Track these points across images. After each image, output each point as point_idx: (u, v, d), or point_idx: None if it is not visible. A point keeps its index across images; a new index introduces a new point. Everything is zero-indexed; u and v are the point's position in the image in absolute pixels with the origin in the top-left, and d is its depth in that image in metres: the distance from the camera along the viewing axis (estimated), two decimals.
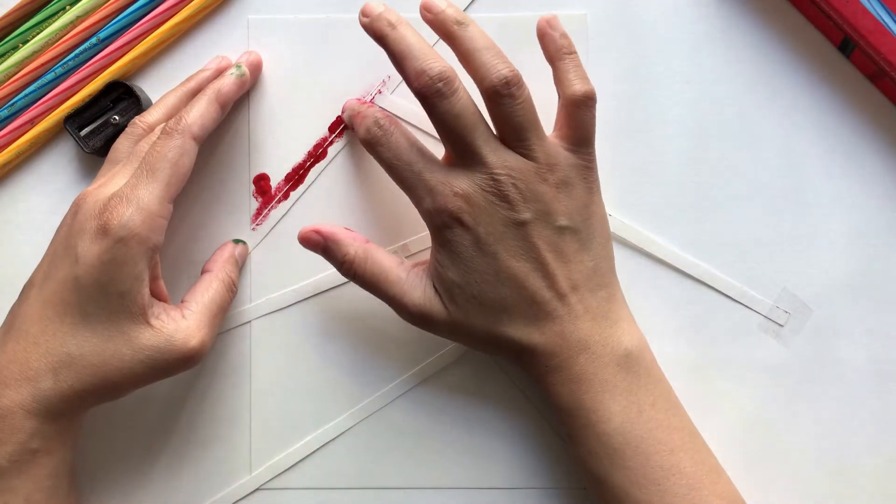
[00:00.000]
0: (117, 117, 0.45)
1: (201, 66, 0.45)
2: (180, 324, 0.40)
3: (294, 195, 0.46)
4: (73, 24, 0.46)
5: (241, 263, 0.46)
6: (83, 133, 0.45)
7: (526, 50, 0.43)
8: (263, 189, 0.46)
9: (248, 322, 0.46)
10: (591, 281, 0.40)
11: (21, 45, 0.46)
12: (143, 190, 0.39)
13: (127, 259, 0.38)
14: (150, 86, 0.46)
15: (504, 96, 0.39)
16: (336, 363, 0.46)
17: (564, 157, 0.40)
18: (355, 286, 0.46)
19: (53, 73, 0.46)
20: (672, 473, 0.39)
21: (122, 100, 0.45)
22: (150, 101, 0.46)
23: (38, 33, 0.46)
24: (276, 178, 0.46)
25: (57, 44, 0.46)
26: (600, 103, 0.42)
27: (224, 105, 0.42)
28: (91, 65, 0.46)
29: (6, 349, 0.39)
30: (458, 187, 0.39)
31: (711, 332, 0.46)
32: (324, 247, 0.42)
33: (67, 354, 0.38)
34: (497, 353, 0.42)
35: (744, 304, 0.46)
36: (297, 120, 0.46)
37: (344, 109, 0.45)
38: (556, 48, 0.41)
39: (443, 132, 0.40)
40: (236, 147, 0.46)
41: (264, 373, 0.46)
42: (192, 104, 0.41)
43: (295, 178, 0.46)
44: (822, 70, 0.46)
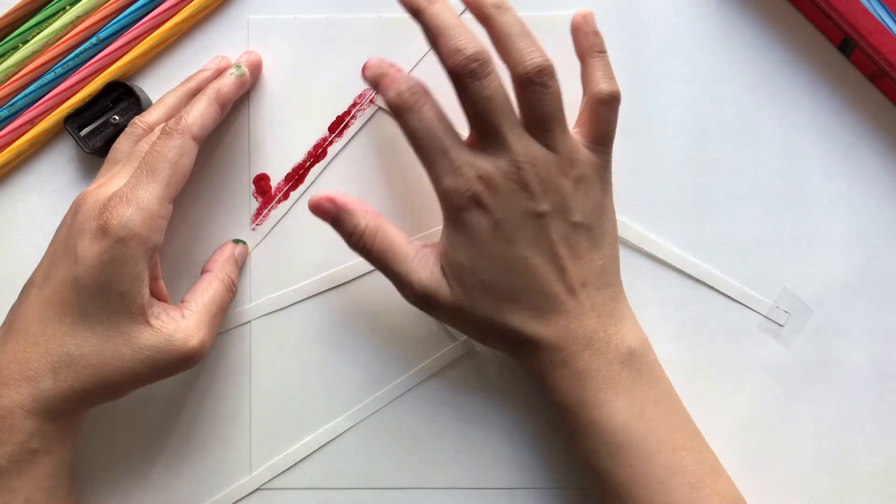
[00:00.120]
0: (117, 117, 0.45)
1: (201, 66, 0.45)
2: (180, 324, 0.40)
3: (294, 195, 0.46)
4: (73, 24, 0.46)
5: (241, 263, 0.46)
6: (83, 133, 0.45)
7: None
8: (263, 189, 0.46)
9: (248, 322, 0.46)
10: (598, 279, 0.40)
11: (21, 45, 0.46)
12: (143, 190, 0.39)
13: (127, 259, 0.38)
14: (150, 86, 0.46)
15: (536, 84, 0.38)
16: (336, 363, 0.46)
17: (584, 154, 0.40)
18: (355, 286, 0.46)
19: (53, 73, 0.46)
20: (674, 472, 0.39)
21: (122, 100, 0.45)
22: (150, 101, 0.46)
23: (38, 33, 0.46)
24: (276, 178, 0.46)
25: (57, 44, 0.46)
26: None
27: (224, 105, 0.42)
28: (91, 65, 0.46)
29: (6, 349, 0.39)
30: (481, 170, 0.39)
31: (711, 332, 0.46)
32: (334, 216, 0.42)
33: (67, 354, 0.38)
34: (498, 343, 0.41)
35: (744, 304, 0.46)
36: (297, 120, 0.46)
37: (367, 67, 0.41)
38: (589, 45, 0.41)
39: (471, 114, 0.39)
40: (236, 147, 0.46)
41: (264, 373, 0.46)
42: (191, 104, 0.41)
43: (295, 178, 0.46)
44: (822, 70, 0.46)
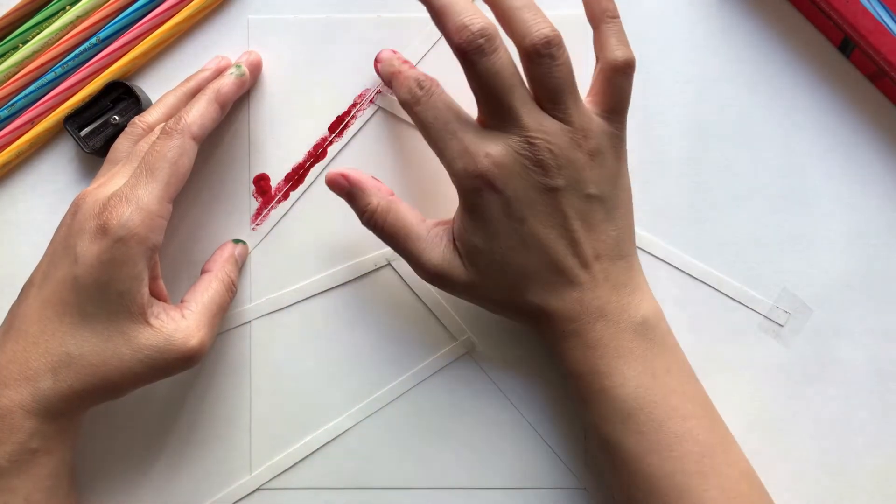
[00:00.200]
0: (117, 117, 0.45)
1: (201, 66, 0.45)
2: (180, 323, 0.40)
3: (294, 195, 0.46)
4: (73, 24, 0.46)
5: (240, 263, 0.46)
6: (83, 133, 0.45)
7: None
8: (263, 189, 0.46)
9: (248, 322, 0.46)
10: (613, 251, 0.40)
11: (21, 45, 0.46)
12: (143, 190, 0.39)
13: (126, 259, 0.38)
14: (150, 86, 0.46)
15: (544, 56, 0.38)
16: (336, 363, 0.46)
17: (598, 125, 0.39)
18: (355, 286, 0.46)
19: (53, 73, 0.46)
20: (685, 440, 0.38)
21: (122, 100, 0.45)
22: (150, 101, 0.46)
23: (38, 33, 0.46)
24: (276, 178, 0.46)
25: (57, 44, 0.46)
26: None
27: (224, 105, 0.42)
28: (91, 65, 0.46)
29: (5, 349, 0.39)
30: (490, 149, 0.39)
31: (711, 332, 0.46)
32: (348, 192, 0.42)
33: (67, 354, 0.38)
34: (512, 315, 0.42)
35: (744, 304, 0.46)
36: (297, 120, 0.46)
37: (380, 60, 0.43)
38: (601, 10, 0.40)
39: (480, 91, 0.39)
40: (236, 147, 0.46)
41: (264, 373, 0.46)
42: (191, 104, 0.41)
43: (295, 178, 0.46)
44: (822, 70, 0.46)
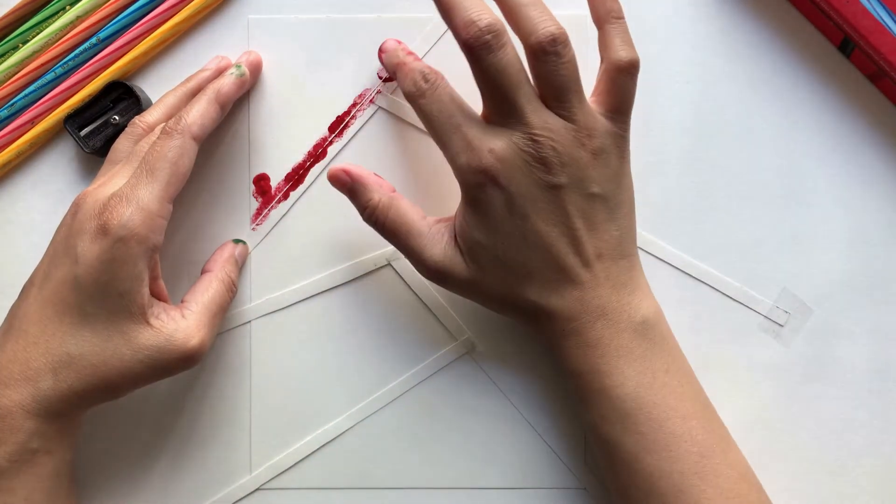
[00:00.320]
0: (117, 117, 0.45)
1: (201, 66, 0.45)
2: (180, 323, 0.40)
3: (294, 195, 0.46)
4: (73, 24, 0.46)
5: (241, 263, 0.46)
6: (83, 133, 0.45)
7: None
8: (263, 189, 0.46)
9: (248, 322, 0.46)
10: (615, 251, 0.40)
11: (21, 45, 0.46)
12: (143, 190, 0.39)
13: (126, 259, 0.38)
14: (150, 86, 0.46)
15: (550, 54, 0.38)
16: (336, 363, 0.46)
17: (602, 124, 0.40)
18: (355, 286, 0.46)
19: (53, 73, 0.46)
20: (684, 440, 0.39)
21: (122, 100, 0.45)
22: (150, 101, 0.46)
23: (38, 33, 0.46)
24: (276, 178, 0.46)
25: (57, 44, 0.46)
26: None
27: (224, 105, 0.42)
28: (91, 65, 0.46)
29: (6, 349, 0.39)
30: (494, 145, 0.39)
31: (711, 332, 0.46)
32: (350, 188, 0.42)
33: (67, 354, 0.38)
34: (512, 314, 0.42)
35: (744, 304, 0.46)
36: (297, 120, 0.46)
37: (384, 50, 0.43)
38: (606, 10, 0.40)
39: (485, 87, 0.39)
40: (236, 147, 0.46)
41: (264, 373, 0.46)
42: (191, 104, 0.41)
43: (295, 178, 0.46)
44: (822, 70, 0.46)
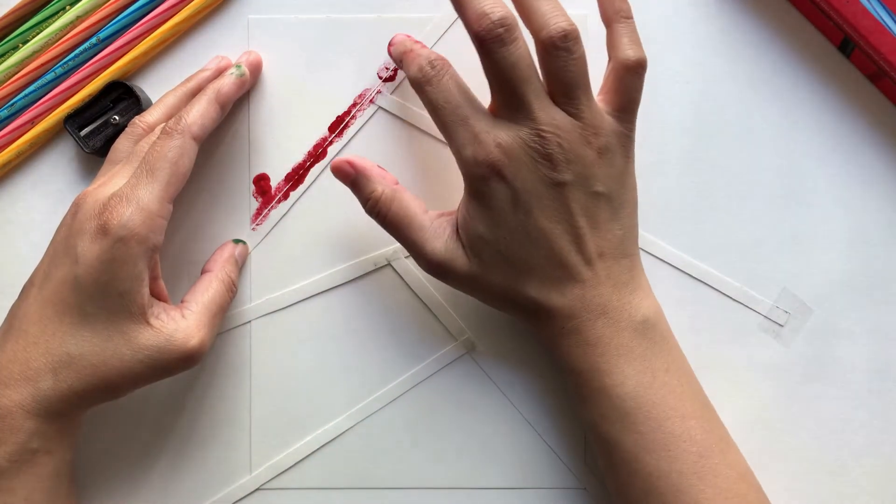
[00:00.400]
0: (117, 117, 0.45)
1: (201, 66, 0.45)
2: (180, 323, 0.40)
3: (294, 195, 0.46)
4: (73, 24, 0.46)
5: (241, 263, 0.46)
6: (83, 133, 0.45)
7: None
8: (263, 189, 0.46)
9: (248, 322, 0.46)
10: (617, 250, 0.40)
11: (21, 45, 0.46)
12: (143, 190, 0.39)
13: (127, 259, 0.38)
14: (150, 86, 0.46)
15: (560, 49, 0.38)
16: (336, 363, 0.46)
17: (609, 123, 0.40)
18: (355, 286, 0.46)
19: (53, 73, 0.46)
20: (683, 440, 0.39)
21: (122, 100, 0.45)
22: (150, 101, 0.46)
23: (38, 33, 0.46)
24: (276, 178, 0.46)
25: (57, 44, 0.46)
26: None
27: (224, 105, 0.42)
28: (91, 65, 0.46)
29: (6, 349, 0.39)
30: (501, 138, 0.39)
31: (711, 332, 0.46)
32: (353, 179, 0.42)
33: (67, 354, 0.38)
34: (511, 310, 0.42)
35: (744, 304, 0.46)
36: (297, 120, 0.46)
37: (393, 44, 0.43)
38: (615, 10, 0.40)
39: (495, 81, 0.39)
40: (236, 147, 0.46)
41: (264, 373, 0.46)
42: (192, 104, 0.41)
43: (295, 178, 0.46)
44: (822, 70, 0.46)
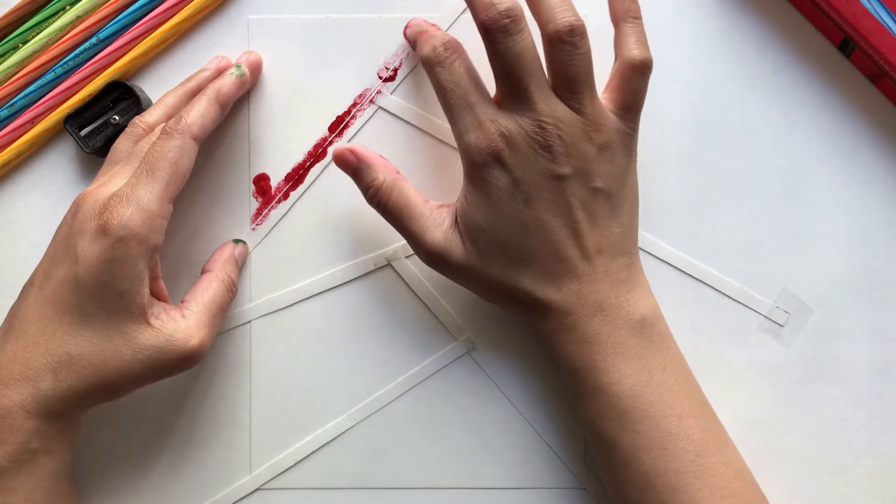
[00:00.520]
0: (117, 117, 0.45)
1: (201, 66, 0.45)
2: (180, 323, 0.40)
3: (294, 195, 0.46)
4: (73, 24, 0.46)
5: (241, 263, 0.46)
6: (83, 133, 0.45)
7: None
8: (263, 189, 0.46)
9: (248, 322, 0.46)
10: (615, 247, 0.40)
11: (21, 45, 0.46)
12: (143, 190, 0.39)
13: (127, 259, 0.38)
14: (150, 86, 0.46)
15: (566, 43, 0.38)
16: (336, 363, 0.46)
17: (611, 120, 0.40)
18: (355, 286, 0.46)
19: (53, 73, 0.46)
20: (680, 439, 0.39)
21: (122, 100, 0.45)
22: (150, 101, 0.46)
23: (38, 33, 0.46)
24: (276, 178, 0.46)
25: (57, 44, 0.46)
26: None
27: (224, 105, 0.42)
28: (91, 65, 0.46)
29: (6, 349, 0.39)
30: (504, 127, 0.39)
31: (711, 332, 0.46)
32: (355, 168, 0.42)
33: (67, 354, 0.38)
34: (508, 304, 0.42)
35: (744, 304, 0.46)
36: (297, 120, 0.46)
37: (409, 26, 0.44)
38: (624, 10, 0.41)
39: (499, 71, 0.39)
40: (236, 147, 0.46)
41: (264, 373, 0.46)
42: (192, 104, 0.41)
43: (295, 178, 0.46)
44: (822, 70, 0.46)
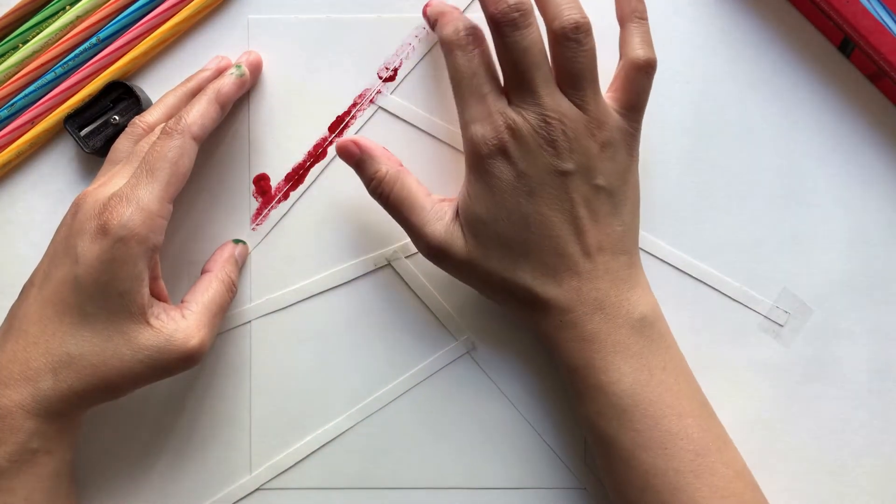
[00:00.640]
0: (117, 117, 0.45)
1: (201, 66, 0.45)
2: (180, 324, 0.40)
3: (294, 195, 0.46)
4: (73, 24, 0.46)
5: (241, 263, 0.46)
6: (83, 133, 0.45)
7: None
8: (263, 189, 0.46)
9: (248, 322, 0.46)
10: (616, 245, 0.40)
11: (21, 45, 0.46)
12: (143, 190, 0.39)
13: (127, 259, 0.38)
14: (150, 86, 0.46)
15: (571, 40, 0.39)
16: (336, 363, 0.46)
17: (614, 119, 0.40)
18: (355, 286, 0.46)
19: (53, 73, 0.46)
20: (679, 438, 0.39)
21: (122, 100, 0.45)
22: (150, 101, 0.46)
23: (38, 33, 0.46)
24: (276, 178, 0.46)
25: (57, 44, 0.46)
26: None
27: (224, 105, 0.42)
28: (91, 65, 0.46)
29: (6, 349, 0.39)
30: (511, 120, 0.39)
31: (711, 331, 0.46)
32: (358, 159, 0.43)
33: (67, 354, 0.38)
34: (508, 300, 0.42)
35: (744, 304, 0.46)
36: (297, 120, 0.46)
37: (430, 4, 0.44)
38: (630, 10, 0.41)
39: (506, 64, 0.40)
40: (236, 147, 0.46)
41: (264, 373, 0.46)
42: (192, 104, 0.41)
43: (295, 178, 0.46)
44: (822, 70, 0.46)
